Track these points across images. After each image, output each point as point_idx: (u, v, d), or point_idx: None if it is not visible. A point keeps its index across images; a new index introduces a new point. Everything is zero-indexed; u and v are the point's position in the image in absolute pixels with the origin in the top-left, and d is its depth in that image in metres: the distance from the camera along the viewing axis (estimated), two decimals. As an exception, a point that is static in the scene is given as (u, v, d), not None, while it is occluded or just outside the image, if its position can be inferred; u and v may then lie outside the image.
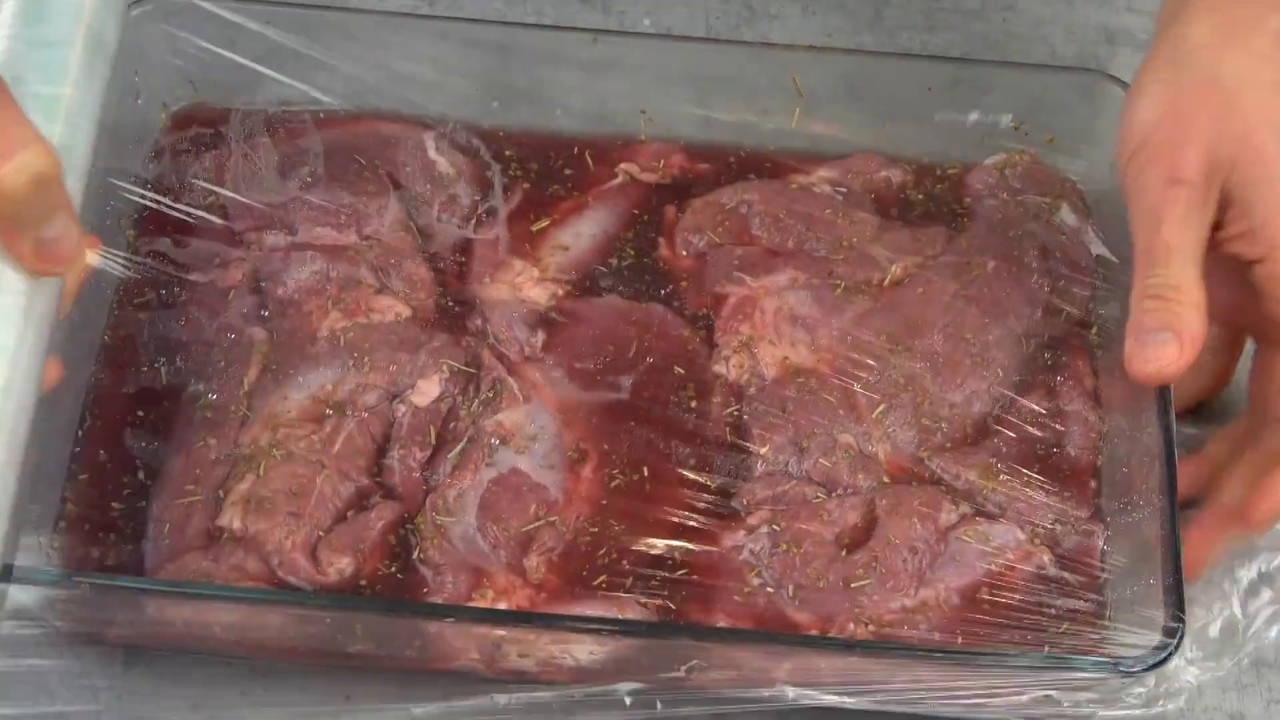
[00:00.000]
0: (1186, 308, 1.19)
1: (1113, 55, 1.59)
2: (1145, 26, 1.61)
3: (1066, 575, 1.27)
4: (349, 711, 1.29)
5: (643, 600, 1.25)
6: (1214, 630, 1.25)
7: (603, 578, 1.26)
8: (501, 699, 1.24)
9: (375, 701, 1.29)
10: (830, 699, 1.20)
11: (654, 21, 1.61)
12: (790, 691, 1.19)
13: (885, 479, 1.31)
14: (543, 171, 1.46)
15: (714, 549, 1.27)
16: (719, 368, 1.36)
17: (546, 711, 1.25)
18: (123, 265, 1.37)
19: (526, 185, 1.45)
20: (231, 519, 1.25)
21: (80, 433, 1.31)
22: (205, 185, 1.42)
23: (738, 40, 1.58)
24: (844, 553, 1.26)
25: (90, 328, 1.35)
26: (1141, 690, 1.18)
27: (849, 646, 1.20)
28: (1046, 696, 1.17)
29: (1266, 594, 1.27)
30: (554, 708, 1.24)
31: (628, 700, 1.21)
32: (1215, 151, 1.20)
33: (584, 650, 1.20)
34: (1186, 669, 1.23)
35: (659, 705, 1.22)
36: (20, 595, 1.20)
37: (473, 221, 1.42)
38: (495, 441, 1.30)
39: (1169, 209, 1.20)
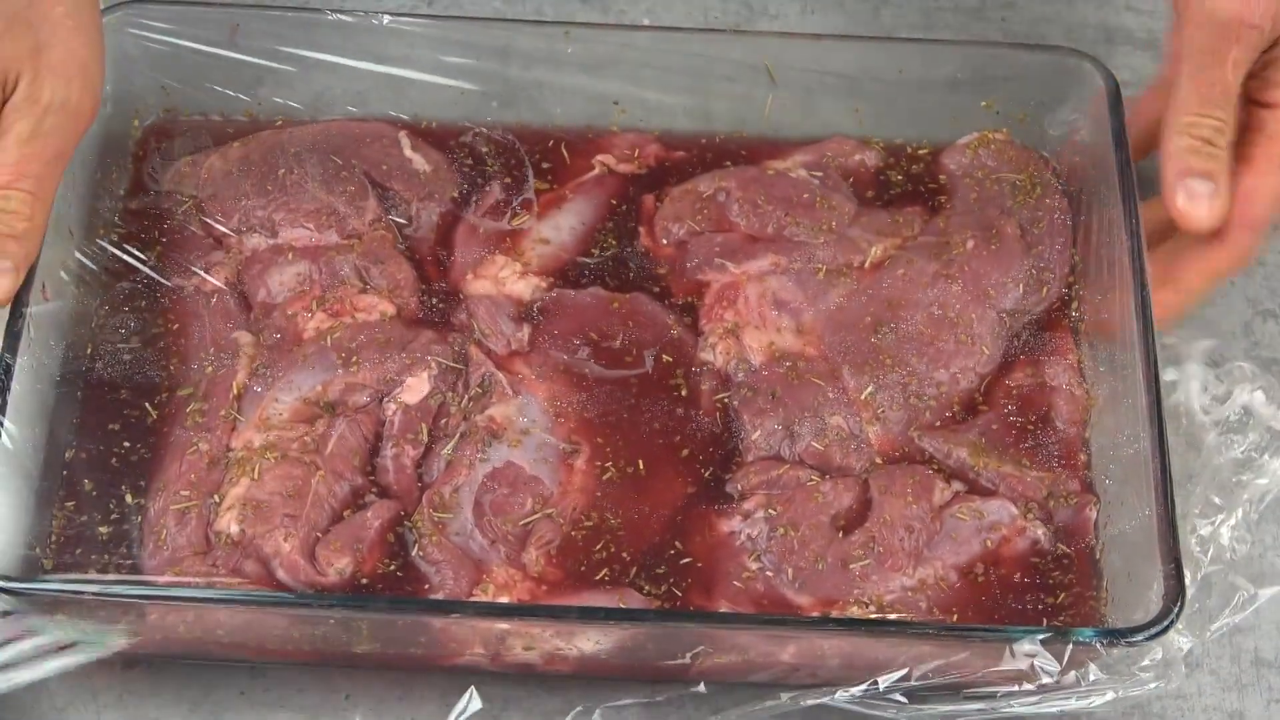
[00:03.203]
0: (1226, 157, 1.26)
1: (1112, 54, 1.60)
2: (1144, 25, 1.63)
3: (1062, 548, 1.28)
4: (349, 711, 1.29)
5: (644, 588, 1.25)
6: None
7: (604, 571, 1.26)
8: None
9: (375, 701, 1.29)
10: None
11: (653, 20, 1.62)
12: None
13: (877, 459, 1.32)
14: (519, 165, 1.46)
15: (711, 535, 1.28)
16: (706, 355, 1.36)
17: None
18: (104, 274, 1.37)
19: (507, 180, 1.45)
20: (229, 523, 1.25)
21: (70, 444, 1.30)
22: (183, 191, 1.41)
23: (707, 29, 1.58)
24: (840, 534, 1.27)
25: (76, 333, 1.34)
26: (1148, 662, 1.19)
27: (851, 626, 1.20)
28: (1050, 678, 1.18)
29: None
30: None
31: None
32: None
33: (589, 641, 1.20)
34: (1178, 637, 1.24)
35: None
36: (19, 607, 1.20)
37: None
38: (488, 436, 1.30)
39: (1234, 50, 1.24)
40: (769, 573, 1.26)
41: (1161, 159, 1.29)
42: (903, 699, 1.20)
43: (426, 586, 1.25)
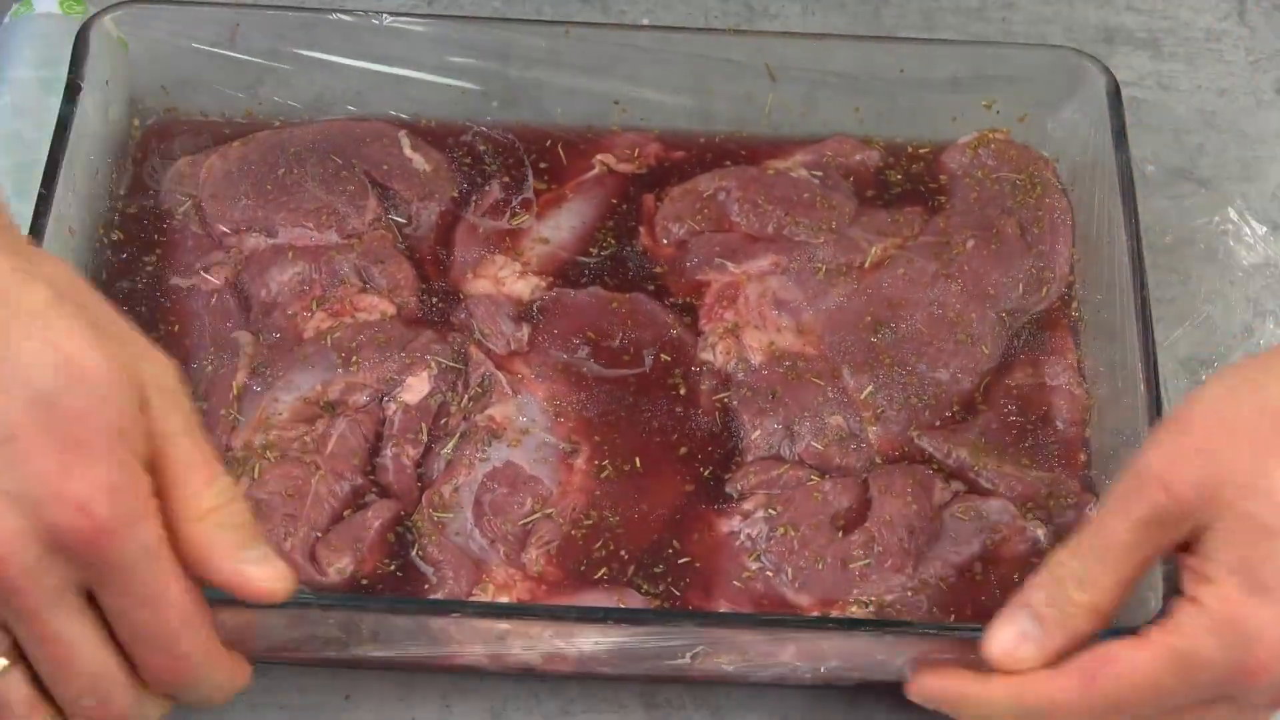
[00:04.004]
0: (1075, 614, 1.08)
1: (1112, 54, 1.60)
2: (1145, 25, 1.63)
3: (1062, 548, 1.28)
4: (349, 711, 1.29)
5: (643, 588, 1.25)
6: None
7: (603, 570, 1.26)
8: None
9: (375, 701, 1.29)
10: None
11: (653, 20, 1.62)
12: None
13: (877, 459, 1.32)
14: (519, 165, 1.46)
15: (710, 535, 1.28)
16: (706, 355, 1.37)
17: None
18: (104, 274, 1.37)
19: (507, 179, 1.45)
20: (229, 523, 1.25)
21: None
22: (183, 191, 1.41)
23: (707, 28, 1.58)
24: (840, 534, 1.27)
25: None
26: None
27: (851, 626, 1.20)
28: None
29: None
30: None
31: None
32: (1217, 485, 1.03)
33: (588, 641, 1.20)
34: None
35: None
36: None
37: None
38: (487, 436, 1.30)
39: (1140, 506, 1.05)
40: (769, 572, 1.26)
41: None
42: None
43: (426, 586, 1.25)
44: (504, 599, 1.24)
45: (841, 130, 1.48)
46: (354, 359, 1.33)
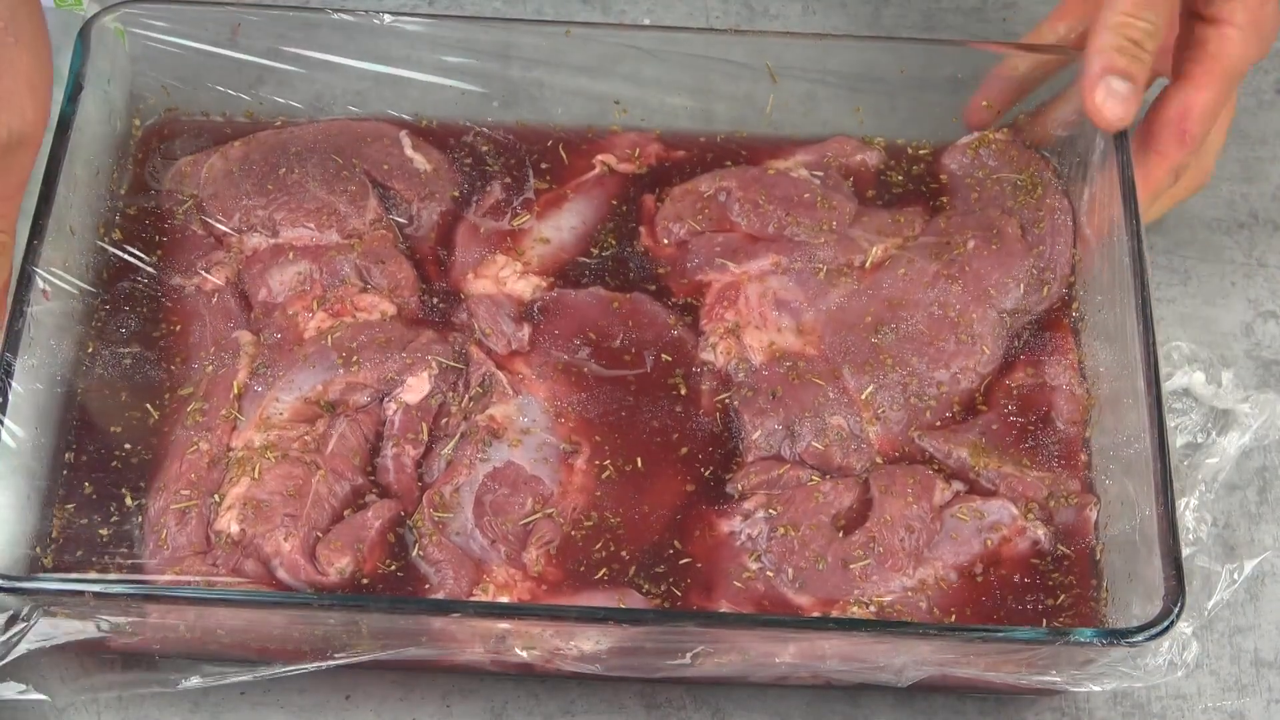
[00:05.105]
0: (1150, 61, 1.26)
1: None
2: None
3: (1062, 548, 1.28)
4: (349, 711, 1.29)
5: (644, 588, 1.25)
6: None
7: (604, 570, 1.26)
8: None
9: (376, 701, 1.29)
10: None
11: (654, 20, 1.62)
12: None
13: (878, 459, 1.31)
14: (519, 165, 1.46)
15: (711, 535, 1.28)
16: (706, 355, 1.36)
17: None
18: (105, 273, 1.37)
19: (508, 179, 1.45)
20: (229, 522, 1.25)
21: (70, 444, 1.30)
22: (184, 191, 1.41)
23: (708, 29, 1.58)
24: (841, 534, 1.27)
25: (76, 333, 1.34)
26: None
27: (851, 626, 1.20)
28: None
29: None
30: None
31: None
32: None
33: (589, 641, 1.20)
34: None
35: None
36: (19, 605, 1.19)
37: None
38: (488, 436, 1.30)
39: None
40: (769, 573, 1.26)
41: (1086, 54, 1.31)
42: None
43: (427, 586, 1.25)
44: (504, 599, 1.24)
45: (842, 130, 1.48)
46: (354, 359, 1.33)
